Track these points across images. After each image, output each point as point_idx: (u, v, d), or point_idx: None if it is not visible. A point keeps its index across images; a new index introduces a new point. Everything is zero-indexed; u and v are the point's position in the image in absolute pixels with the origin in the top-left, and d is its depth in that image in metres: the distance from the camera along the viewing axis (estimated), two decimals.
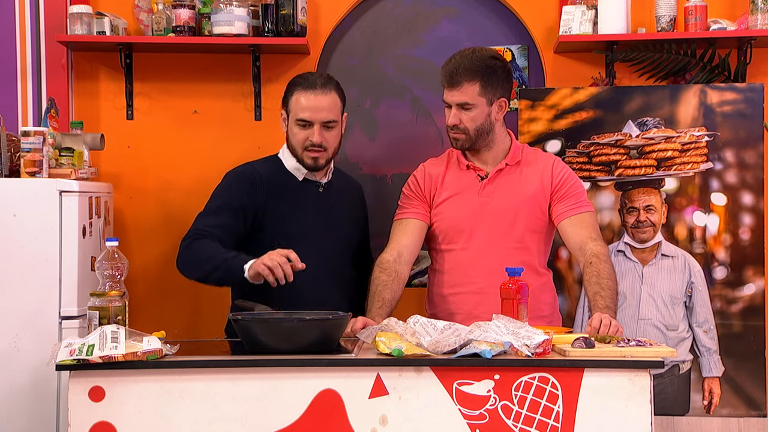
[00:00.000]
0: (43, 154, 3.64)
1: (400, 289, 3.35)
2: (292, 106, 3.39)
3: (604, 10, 4.08)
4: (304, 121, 3.36)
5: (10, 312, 3.55)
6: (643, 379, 2.65)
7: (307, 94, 3.36)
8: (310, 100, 3.36)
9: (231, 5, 4.06)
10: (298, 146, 3.38)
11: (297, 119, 3.36)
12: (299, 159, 3.40)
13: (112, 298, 2.86)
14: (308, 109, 3.35)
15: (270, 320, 2.83)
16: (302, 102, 3.36)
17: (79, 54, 4.30)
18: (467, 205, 3.40)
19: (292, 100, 3.39)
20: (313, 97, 3.36)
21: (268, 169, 3.43)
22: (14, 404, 3.54)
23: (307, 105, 3.35)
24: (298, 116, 3.36)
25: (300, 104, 3.36)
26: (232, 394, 2.66)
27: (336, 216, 3.46)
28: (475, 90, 3.33)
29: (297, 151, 3.39)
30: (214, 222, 3.29)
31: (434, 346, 2.72)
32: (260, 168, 3.44)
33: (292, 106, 3.39)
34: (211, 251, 3.21)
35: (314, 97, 3.36)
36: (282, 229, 3.35)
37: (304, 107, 3.36)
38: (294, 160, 3.43)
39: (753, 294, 4.01)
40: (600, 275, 3.18)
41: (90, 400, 2.65)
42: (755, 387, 4.00)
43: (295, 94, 3.38)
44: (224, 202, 3.35)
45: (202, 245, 3.24)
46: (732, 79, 4.17)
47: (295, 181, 3.44)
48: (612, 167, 4.07)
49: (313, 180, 3.45)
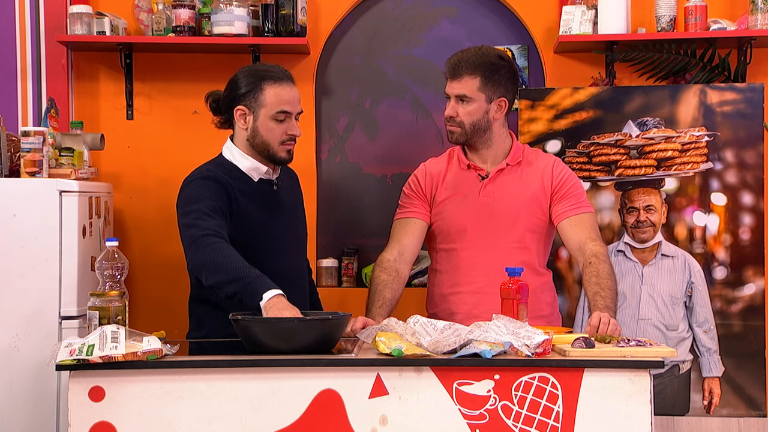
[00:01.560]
0: (43, 154, 3.64)
1: (400, 288, 3.35)
2: (268, 100, 3.20)
3: (604, 10, 4.08)
4: (285, 113, 3.22)
5: (10, 312, 3.55)
6: (643, 379, 2.65)
7: (282, 87, 3.22)
8: (287, 92, 3.23)
9: (231, 5, 4.06)
10: (275, 141, 3.22)
11: (277, 112, 3.20)
12: (271, 155, 3.24)
13: (112, 298, 2.86)
14: (289, 101, 3.22)
15: (270, 320, 2.82)
16: (282, 95, 3.22)
17: (79, 54, 4.30)
18: (468, 204, 3.40)
19: (265, 94, 3.21)
20: (288, 89, 3.23)
21: (225, 173, 3.22)
22: (14, 404, 3.54)
23: (287, 98, 3.22)
24: (279, 109, 3.21)
25: (280, 97, 3.21)
26: (232, 394, 2.66)
27: (290, 213, 3.37)
28: (474, 84, 3.34)
29: (272, 146, 3.23)
30: (217, 225, 3.08)
31: (434, 346, 2.72)
32: (219, 171, 3.23)
33: (266, 100, 3.20)
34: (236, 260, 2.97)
35: (290, 90, 3.24)
36: (251, 236, 3.19)
37: (285, 100, 3.22)
38: (250, 161, 3.25)
39: (753, 294, 4.01)
40: (600, 275, 3.18)
41: (90, 400, 2.65)
42: (755, 387, 4.00)
43: (268, 88, 3.21)
44: (214, 204, 3.13)
45: (228, 250, 3.00)
46: (732, 79, 4.17)
47: (251, 183, 3.26)
48: (612, 167, 4.07)
49: (268, 179, 3.30)
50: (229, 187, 3.17)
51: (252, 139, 3.24)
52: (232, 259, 2.96)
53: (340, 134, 4.48)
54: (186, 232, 3.08)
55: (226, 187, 3.17)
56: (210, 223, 3.05)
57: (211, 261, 2.97)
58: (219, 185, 3.16)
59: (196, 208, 3.10)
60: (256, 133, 3.23)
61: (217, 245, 2.99)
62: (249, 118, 3.23)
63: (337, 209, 4.47)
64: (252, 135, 3.24)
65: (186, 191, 3.19)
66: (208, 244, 3.00)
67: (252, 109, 3.22)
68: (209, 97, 3.36)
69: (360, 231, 4.47)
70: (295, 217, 3.41)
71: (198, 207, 3.10)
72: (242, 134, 3.26)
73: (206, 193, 3.14)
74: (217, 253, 2.97)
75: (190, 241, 3.04)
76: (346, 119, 4.48)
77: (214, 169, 3.24)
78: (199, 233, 3.02)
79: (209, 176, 3.19)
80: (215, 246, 2.99)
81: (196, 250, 3.01)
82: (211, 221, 3.06)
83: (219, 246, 2.99)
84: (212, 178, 3.18)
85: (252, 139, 3.24)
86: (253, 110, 3.22)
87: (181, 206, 3.17)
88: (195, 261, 3.02)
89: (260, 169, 3.27)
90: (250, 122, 3.23)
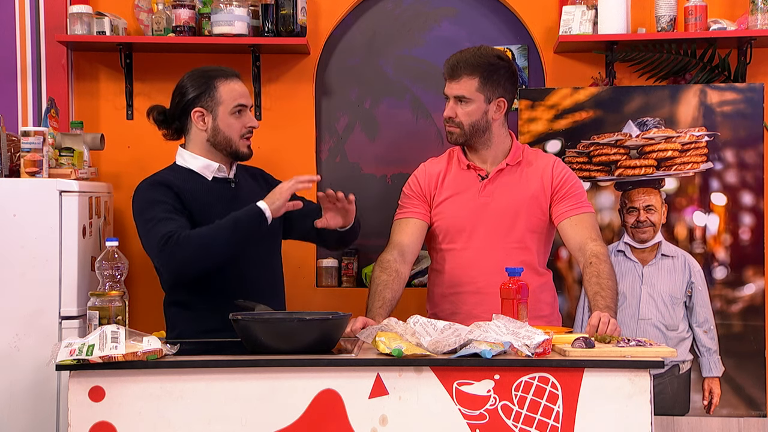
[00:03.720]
0: (43, 154, 3.64)
1: (400, 288, 3.35)
2: (224, 96, 3.26)
3: (604, 10, 4.08)
4: (242, 107, 3.28)
5: (10, 312, 3.55)
6: (643, 379, 2.65)
7: (234, 82, 3.29)
8: (239, 86, 3.30)
9: (231, 5, 4.06)
10: (236, 135, 3.28)
11: (235, 106, 3.26)
12: (234, 150, 3.28)
13: (112, 298, 2.86)
14: (243, 95, 3.30)
15: (270, 320, 2.83)
16: (237, 89, 3.29)
17: (79, 54, 4.30)
18: (467, 204, 3.40)
19: (219, 91, 3.26)
20: (239, 84, 3.31)
21: (177, 179, 3.24)
22: (14, 404, 3.54)
23: (241, 91, 3.30)
24: (237, 102, 3.27)
25: (235, 91, 3.28)
26: (232, 394, 2.66)
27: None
28: (473, 85, 3.34)
29: (233, 141, 3.27)
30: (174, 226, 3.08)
31: (434, 346, 2.72)
32: (171, 177, 3.26)
33: (222, 96, 3.26)
34: (198, 230, 3.07)
35: (240, 84, 3.31)
36: None
37: (240, 93, 3.29)
38: (201, 160, 3.29)
39: (753, 294, 4.01)
40: (600, 275, 3.18)
41: (90, 400, 2.65)
42: (755, 387, 4.00)
43: (221, 85, 3.27)
44: (168, 206, 3.15)
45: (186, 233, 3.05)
46: (732, 79, 4.17)
47: (205, 183, 3.28)
48: (612, 167, 4.07)
49: (223, 177, 3.32)
50: (178, 189, 3.20)
51: (213, 138, 3.29)
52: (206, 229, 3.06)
53: (340, 134, 4.48)
54: (149, 243, 3.13)
55: (174, 190, 3.20)
56: (170, 226, 3.08)
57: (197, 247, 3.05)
58: (168, 189, 3.20)
59: (151, 216, 3.14)
60: (217, 131, 3.28)
61: (187, 236, 3.05)
62: (208, 118, 3.28)
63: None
64: (213, 134, 3.29)
65: (137, 201, 3.23)
66: (178, 241, 3.04)
67: (209, 108, 3.28)
68: (152, 111, 3.39)
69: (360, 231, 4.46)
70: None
71: (153, 215, 3.14)
72: (200, 137, 3.30)
73: (157, 197, 3.18)
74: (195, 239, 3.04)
75: (157, 252, 3.08)
76: (346, 119, 4.48)
77: (165, 174, 3.29)
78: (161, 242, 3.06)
79: (156, 182, 3.24)
80: (187, 237, 3.05)
81: (171, 254, 3.05)
82: (170, 224, 3.09)
83: (190, 235, 3.05)
84: (159, 182, 3.23)
85: (213, 138, 3.29)
86: (210, 109, 3.28)
87: (136, 215, 3.21)
88: (180, 262, 3.06)
89: (211, 166, 3.30)
90: (209, 122, 3.28)
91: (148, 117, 3.40)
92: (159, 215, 3.13)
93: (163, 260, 3.10)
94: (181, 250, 3.05)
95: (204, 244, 3.07)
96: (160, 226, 3.09)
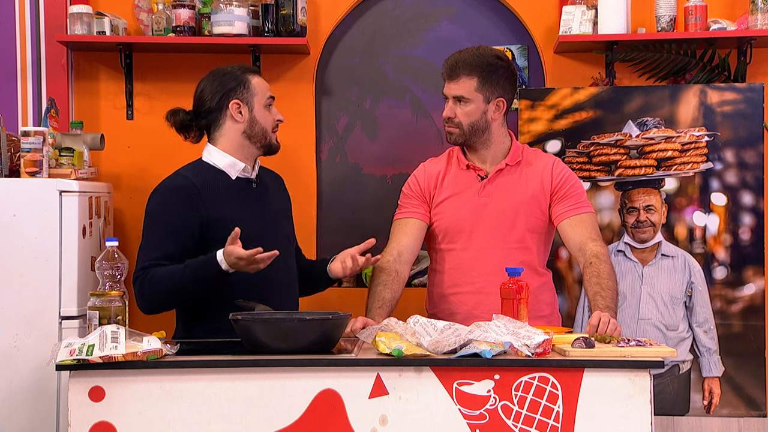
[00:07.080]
0: (43, 154, 3.64)
1: (400, 288, 3.35)
2: (257, 88, 3.31)
3: (604, 10, 4.08)
4: (272, 99, 3.35)
5: (10, 312, 3.55)
6: (643, 379, 2.65)
7: (259, 76, 3.36)
8: (264, 81, 3.37)
9: (231, 5, 4.06)
10: (269, 127, 3.32)
11: (268, 98, 3.33)
12: (268, 142, 3.32)
13: (112, 298, 2.86)
14: (269, 89, 3.37)
15: (270, 320, 2.83)
16: (264, 83, 3.35)
17: (79, 54, 4.30)
18: (467, 204, 3.40)
19: (253, 84, 3.30)
20: (263, 79, 3.38)
21: (198, 177, 3.25)
22: (14, 404, 3.54)
23: (268, 85, 3.37)
24: (269, 95, 3.34)
25: (264, 85, 3.35)
26: (232, 394, 2.66)
27: (272, 212, 3.39)
28: (472, 85, 3.34)
29: (267, 135, 3.32)
30: (158, 255, 3.13)
31: (434, 346, 2.72)
32: (191, 176, 3.25)
33: (256, 89, 3.30)
34: (169, 271, 3.11)
35: (264, 79, 3.39)
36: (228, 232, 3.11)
37: (268, 87, 3.36)
38: (228, 158, 3.29)
39: (753, 294, 4.01)
40: (600, 275, 3.18)
41: (90, 400, 2.65)
42: (755, 387, 4.00)
43: (252, 79, 3.31)
44: (165, 227, 3.17)
45: (156, 273, 3.10)
46: (732, 79, 4.17)
47: (229, 181, 3.29)
48: (612, 167, 4.07)
49: (246, 177, 3.33)
50: (195, 193, 3.20)
51: (250, 129, 3.30)
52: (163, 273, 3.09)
53: (340, 134, 4.48)
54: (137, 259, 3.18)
55: (191, 195, 3.19)
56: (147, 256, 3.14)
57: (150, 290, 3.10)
58: (181, 194, 3.19)
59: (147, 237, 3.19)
60: (255, 122, 3.30)
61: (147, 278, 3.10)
62: (245, 110, 3.29)
63: (337, 209, 4.47)
64: (250, 125, 3.30)
65: (151, 202, 3.25)
66: (141, 283, 3.11)
67: (245, 100, 3.29)
68: (177, 114, 3.37)
69: (360, 231, 4.46)
70: (279, 220, 3.42)
71: (148, 235, 3.20)
72: (234, 130, 3.30)
73: (162, 211, 3.20)
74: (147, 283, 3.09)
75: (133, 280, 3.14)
76: (346, 119, 4.48)
77: (184, 173, 3.28)
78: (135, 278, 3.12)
79: (170, 185, 3.24)
80: (147, 279, 3.10)
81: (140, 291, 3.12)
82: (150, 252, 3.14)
83: (150, 276, 3.10)
84: (174, 187, 3.23)
85: (250, 130, 3.30)
86: (246, 101, 3.29)
87: (144, 217, 3.24)
88: (142, 303, 3.14)
89: (237, 166, 3.30)
90: (246, 113, 3.30)
91: (168, 119, 3.38)
92: (154, 236, 3.17)
93: (135, 292, 3.15)
94: (149, 287, 3.11)
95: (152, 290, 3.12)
96: (148, 250, 3.16)
